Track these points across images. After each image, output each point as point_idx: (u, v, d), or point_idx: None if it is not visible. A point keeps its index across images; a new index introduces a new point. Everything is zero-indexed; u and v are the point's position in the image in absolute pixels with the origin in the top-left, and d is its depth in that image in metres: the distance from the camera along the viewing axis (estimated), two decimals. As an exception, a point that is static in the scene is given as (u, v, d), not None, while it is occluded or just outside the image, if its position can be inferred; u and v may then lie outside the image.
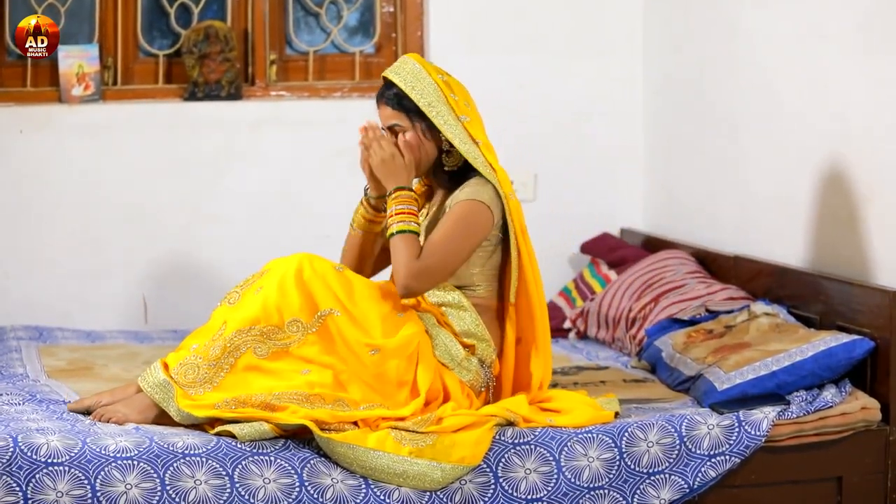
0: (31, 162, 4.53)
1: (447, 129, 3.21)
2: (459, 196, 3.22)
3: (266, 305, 3.09)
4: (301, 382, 3.03)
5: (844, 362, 3.35)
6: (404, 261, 3.15)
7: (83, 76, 4.53)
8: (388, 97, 3.26)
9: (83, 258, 4.58)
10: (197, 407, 2.99)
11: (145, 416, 3.04)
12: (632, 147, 4.94)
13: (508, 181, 3.28)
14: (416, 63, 3.26)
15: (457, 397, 3.19)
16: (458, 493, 3.02)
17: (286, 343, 3.07)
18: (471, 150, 3.22)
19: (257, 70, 4.72)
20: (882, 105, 3.51)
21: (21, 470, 2.79)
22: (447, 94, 3.23)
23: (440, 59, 4.77)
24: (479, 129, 3.27)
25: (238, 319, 3.08)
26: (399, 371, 3.11)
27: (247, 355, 3.05)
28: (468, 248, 3.20)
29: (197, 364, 3.05)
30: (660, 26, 4.81)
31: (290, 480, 2.93)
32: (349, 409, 3.02)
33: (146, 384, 3.06)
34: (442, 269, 3.18)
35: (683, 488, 3.15)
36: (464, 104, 3.26)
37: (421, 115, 3.24)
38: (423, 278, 3.15)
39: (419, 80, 3.23)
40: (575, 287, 4.68)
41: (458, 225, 3.18)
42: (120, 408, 3.06)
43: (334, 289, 3.12)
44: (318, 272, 3.13)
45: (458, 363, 3.22)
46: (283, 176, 4.71)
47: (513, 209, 3.23)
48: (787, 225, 3.95)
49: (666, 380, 3.66)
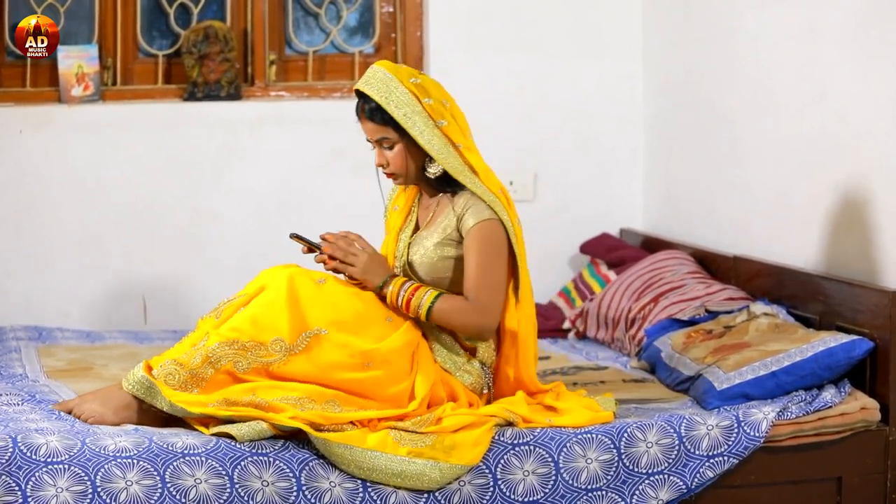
0: (31, 162, 4.53)
1: (423, 140, 3.14)
2: (467, 221, 3.18)
3: (252, 321, 3.07)
4: (286, 388, 3.03)
5: (844, 362, 3.35)
6: (460, 318, 3.15)
7: (83, 76, 4.53)
8: (368, 112, 3.18)
9: (83, 258, 4.58)
10: (189, 403, 2.99)
11: (121, 417, 3.03)
12: (632, 147, 4.94)
13: (495, 179, 3.24)
14: (387, 71, 3.17)
15: (462, 402, 3.18)
16: (457, 495, 3.02)
17: (267, 361, 3.04)
18: (450, 160, 3.16)
19: (257, 70, 4.72)
20: (882, 105, 3.51)
21: (20, 470, 2.80)
22: (422, 99, 3.14)
23: (440, 59, 4.79)
24: (457, 131, 3.19)
25: (222, 332, 3.07)
26: (394, 377, 3.09)
27: (226, 367, 3.04)
28: (503, 266, 3.18)
29: (177, 371, 3.03)
30: (660, 26, 4.81)
31: (288, 484, 2.93)
32: (341, 410, 3.02)
33: (128, 383, 3.05)
34: (495, 298, 3.16)
35: (681, 489, 3.15)
36: (440, 106, 3.18)
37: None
38: (485, 315, 3.16)
39: (392, 90, 3.14)
40: (574, 287, 4.68)
41: (483, 253, 3.16)
42: (96, 407, 3.04)
43: (323, 306, 3.09)
44: (308, 289, 3.10)
45: (460, 367, 3.22)
46: (283, 176, 4.71)
47: (505, 208, 3.20)
48: (787, 225, 3.95)
49: (665, 380, 3.66)
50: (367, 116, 3.19)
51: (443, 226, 3.22)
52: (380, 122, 3.17)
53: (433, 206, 3.28)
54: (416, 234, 3.28)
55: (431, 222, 3.26)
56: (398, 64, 3.27)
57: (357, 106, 3.21)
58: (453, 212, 3.21)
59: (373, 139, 3.22)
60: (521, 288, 3.21)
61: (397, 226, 3.34)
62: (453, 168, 3.16)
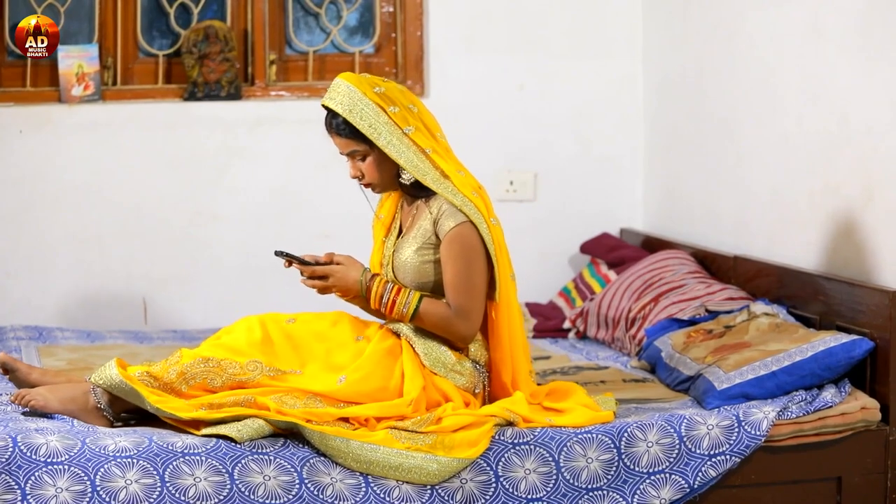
0: (31, 162, 4.53)
1: (391, 150, 3.14)
2: (442, 226, 3.18)
3: (227, 347, 3.09)
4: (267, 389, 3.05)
5: (844, 362, 3.35)
6: (442, 323, 3.17)
7: (83, 76, 4.53)
8: (335, 126, 3.19)
9: (83, 258, 4.58)
10: (177, 409, 2.99)
11: (66, 408, 3.04)
12: (632, 147, 4.95)
13: (470, 180, 3.23)
14: (349, 84, 3.16)
15: (457, 403, 3.18)
16: (459, 492, 3.02)
17: (242, 379, 3.06)
18: (420, 166, 3.16)
19: (257, 70, 4.72)
20: (882, 105, 3.51)
21: (20, 470, 2.80)
22: (387, 108, 3.14)
23: (440, 59, 4.79)
24: (426, 136, 3.19)
25: (195, 351, 3.09)
26: (373, 378, 3.10)
27: (200, 384, 3.05)
28: (481, 269, 3.18)
29: (150, 382, 3.04)
30: (660, 26, 4.81)
31: (290, 478, 2.93)
32: (323, 406, 3.02)
33: (97, 377, 3.04)
34: (474, 302, 3.17)
35: (684, 488, 3.15)
36: (407, 112, 3.17)
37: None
38: (467, 320, 3.17)
39: (355, 102, 3.14)
40: (574, 287, 4.68)
41: (459, 258, 3.16)
42: (44, 392, 3.06)
43: (296, 348, 3.12)
44: (279, 332, 3.13)
45: (450, 368, 3.20)
46: (283, 176, 4.72)
47: (479, 208, 3.19)
48: (787, 225, 3.95)
49: (665, 380, 3.66)
50: (334, 131, 3.20)
51: (422, 230, 3.22)
52: (347, 135, 3.18)
53: (413, 211, 3.29)
54: (399, 240, 3.29)
55: (411, 227, 3.26)
56: (361, 74, 3.26)
57: (325, 120, 3.22)
58: (430, 216, 3.21)
59: (344, 152, 3.23)
60: (501, 288, 3.21)
61: (382, 233, 3.37)
62: (422, 175, 3.17)
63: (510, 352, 3.25)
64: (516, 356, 3.25)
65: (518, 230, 3.36)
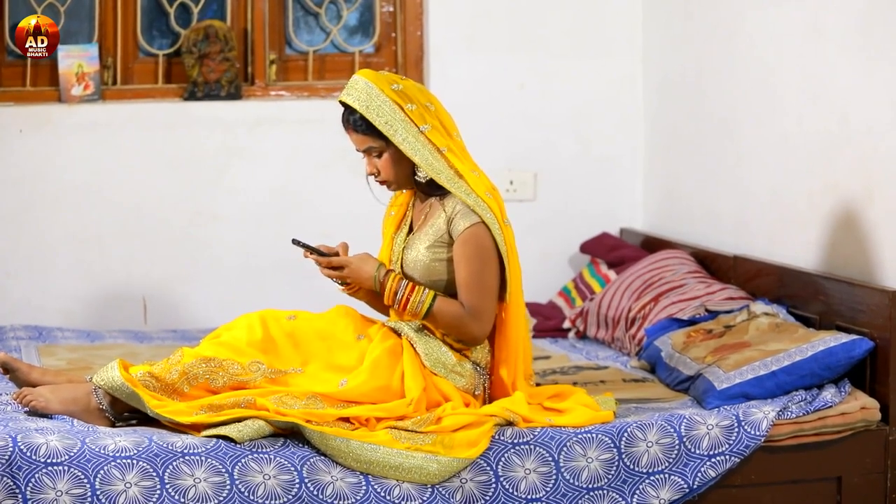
0: (31, 162, 4.53)
1: (406, 147, 3.15)
2: (456, 225, 3.18)
3: (228, 346, 3.09)
4: (266, 390, 3.05)
5: (844, 362, 3.35)
6: (455, 322, 3.17)
7: (83, 76, 4.53)
8: (353, 122, 3.19)
9: (83, 258, 4.58)
10: (175, 413, 2.99)
11: (67, 408, 3.04)
12: (632, 147, 4.95)
13: (484, 180, 3.23)
14: (367, 80, 3.16)
15: (457, 403, 3.18)
16: (459, 492, 3.02)
17: (243, 380, 3.06)
18: (434, 165, 3.16)
19: (257, 70, 4.72)
20: (882, 105, 3.51)
21: (20, 470, 2.80)
22: (404, 105, 3.15)
23: (440, 59, 4.79)
24: (442, 135, 3.19)
25: (197, 351, 3.09)
26: (376, 378, 3.10)
27: (202, 384, 3.05)
28: (493, 270, 3.19)
29: (152, 384, 3.04)
30: (660, 26, 4.81)
31: (290, 477, 2.93)
32: (324, 406, 3.02)
33: (99, 378, 3.04)
34: (487, 303, 3.17)
35: (683, 488, 3.15)
36: (424, 110, 3.18)
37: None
38: (479, 320, 3.17)
39: (373, 98, 3.14)
40: (574, 287, 4.69)
41: (472, 259, 3.16)
42: (45, 392, 3.06)
43: (296, 346, 3.13)
44: (280, 330, 3.13)
45: (451, 369, 3.20)
46: (283, 176, 4.71)
47: (493, 209, 3.20)
48: (787, 225, 3.95)
49: (665, 379, 3.66)
50: (351, 127, 3.20)
51: (434, 228, 3.22)
52: (364, 131, 3.18)
53: (426, 209, 3.29)
54: (409, 237, 3.29)
55: (423, 225, 3.26)
56: (380, 71, 3.26)
57: (342, 116, 3.22)
58: (444, 214, 3.21)
59: (360, 149, 3.23)
60: (511, 289, 3.21)
61: (392, 230, 3.36)
62: (437, 173, 3.17)
63: (515, 353, 3.25)
64: (518, 358, 3.26)
65: (518, 230, 3.36)
